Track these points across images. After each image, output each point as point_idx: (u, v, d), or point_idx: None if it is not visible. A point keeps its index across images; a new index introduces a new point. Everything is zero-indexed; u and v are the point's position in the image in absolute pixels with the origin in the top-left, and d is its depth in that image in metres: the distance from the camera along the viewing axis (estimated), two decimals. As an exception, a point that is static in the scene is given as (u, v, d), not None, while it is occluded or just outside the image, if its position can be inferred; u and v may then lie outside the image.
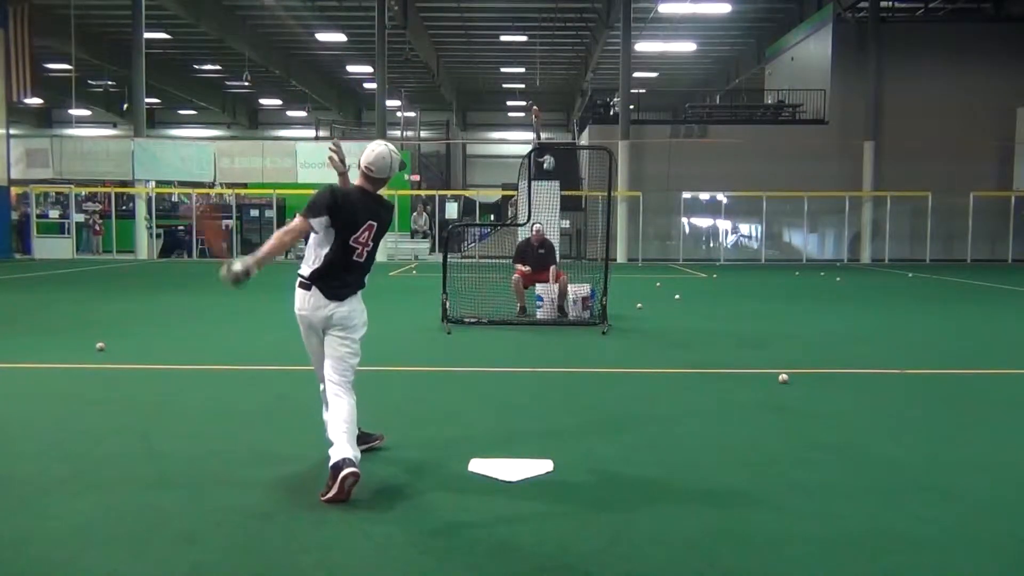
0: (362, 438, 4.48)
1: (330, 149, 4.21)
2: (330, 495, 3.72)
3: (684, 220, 26.65)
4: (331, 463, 3.79)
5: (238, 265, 3.66)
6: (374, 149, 4.03)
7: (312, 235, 4.02)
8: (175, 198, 29.93)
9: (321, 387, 4.20)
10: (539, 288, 10.60)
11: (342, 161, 4.21)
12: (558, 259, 11.54)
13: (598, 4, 28.84)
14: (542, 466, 4.33)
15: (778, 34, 30.30)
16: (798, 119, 26.92)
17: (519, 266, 10.89)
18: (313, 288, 4.04)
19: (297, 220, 3.97)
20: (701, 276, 19.86)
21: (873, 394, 6.42)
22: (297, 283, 4.11)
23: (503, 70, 39.34)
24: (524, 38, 33.01)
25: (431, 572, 3.08)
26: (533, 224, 10.75)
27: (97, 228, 26.83)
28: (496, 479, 4.14)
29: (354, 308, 4.13)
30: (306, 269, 4.07)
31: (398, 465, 4.39)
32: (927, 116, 25.32)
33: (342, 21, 29.93)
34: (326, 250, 4.01)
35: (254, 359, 7.67)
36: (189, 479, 4.11)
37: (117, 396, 6.08)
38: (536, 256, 10.86)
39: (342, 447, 3.82)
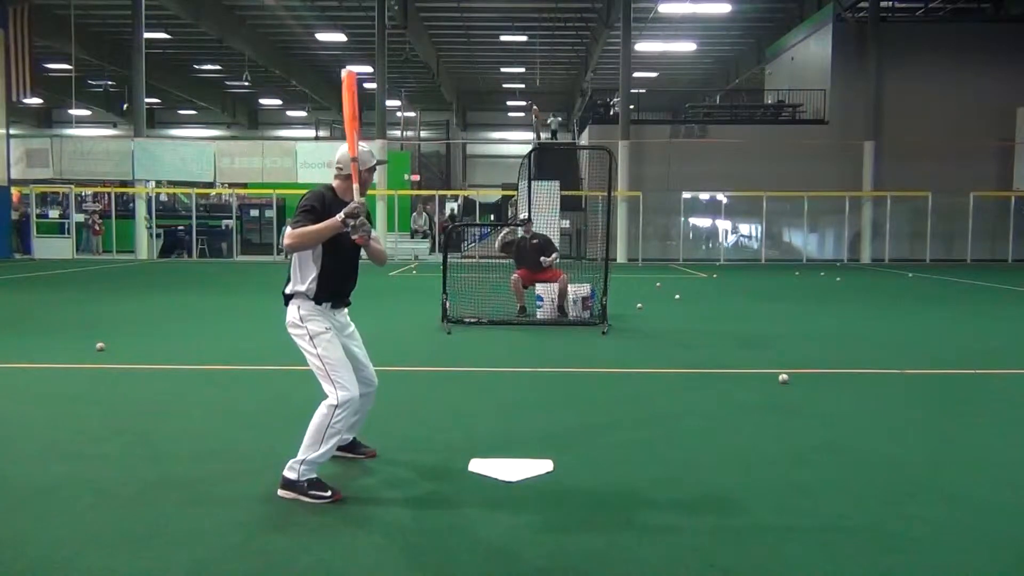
0: (352, 446, 4.47)
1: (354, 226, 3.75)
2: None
3: (684, 220, 26.64)
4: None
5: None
6: (339, 148, 4.03)
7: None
8: (163, 197, 29.82)
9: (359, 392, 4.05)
10: (539, 288, 10.60)
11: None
12: (557, 247, 11.43)
13: (598, 4, 28.85)
14: (542, 466, 4.33)
15: (778, 34, 30.30)
16: (798, 119, 26.91)
17: (551, 260, 10.77)
18: (324, 304, 3.95)
19: (289, 232, 3.78)
20: (701, 276, 19.86)
21: (873, 394, 6.42)
22: (303, 304, 3.93)
23: (503, 70, 39.36)
24: (524, 38, 33.03)
25: (431, 572, 3.08)
26: (519, 217, 10.70)
27: (97, 228, 26.85)
28: (496, 479, 4.14)
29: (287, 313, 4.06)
30: (306, 286, 3.90)
31: (398, 465, 4.39)
32: (927, 116, 25.31)
33: (342, 21, 29.95)
34: (319, 261, 3.90)
35: (254, 359, 7.67)
36: (189, 479, 4.11)
37: (117, 396, 6.09)
38: (531, 248, 10.78)
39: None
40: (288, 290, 3.99)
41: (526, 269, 10.78)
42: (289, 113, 46.94)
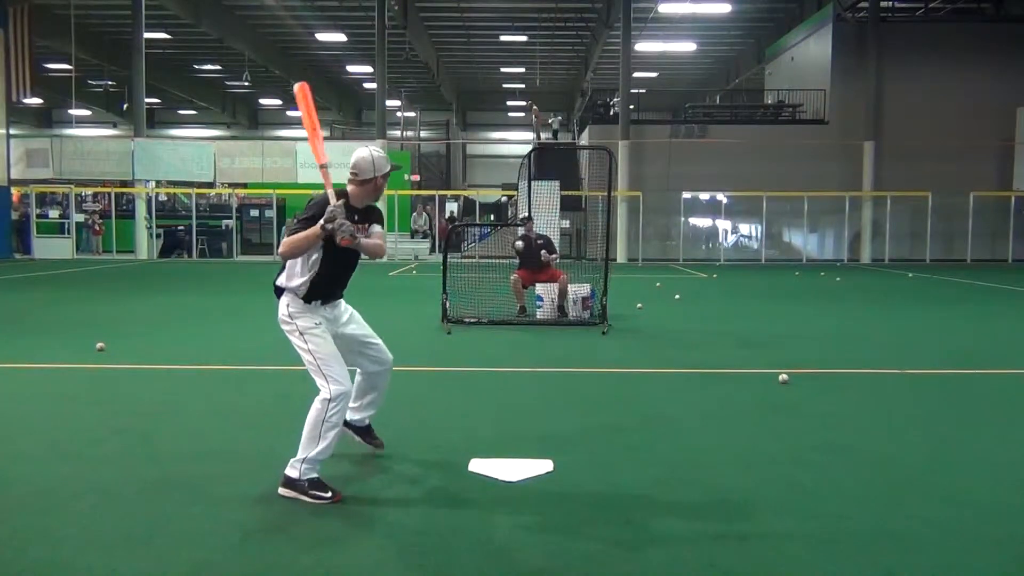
0: (366, 432, 4.55)
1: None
2: None
3: (684, 220, 26.65)
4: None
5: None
6: (355, 153, 4.03)
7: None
8: (161, 197, 29.86)
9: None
10: (539, 288, 10.60)
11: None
12: (557, 249, 11.48)
13: (598, 4, 28.86)
14: (542, 466, 4.33)
15: (778, 34, 30.31)
16: (798, 119, 26.92)
17: (551, 258, 10.80)
18: (313, 302, 3.99)
19: (286, 241, 3.84)
20: (701, 276, 19.86)
21: (873, 394, 6.42)
22: (292, 301, 3.99)
23: (503, 70, 39.37)
24: (524, 38, 33.04)
25: (431, 572, 3.08)
26: (520, 216, 10.74)
27: (97, 228, 26.85)
28: (496, 479, 4.14)
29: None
30: (296, 285, 3.95)
31: (398, 465, 4.39)
32: (927, 116, 25.31)
33: (342, 21, 29.95)
34: (316, 265, 3.93)
35: (254, 359, 7.67)
36: (189, 479, 4.11)
37: (117, 396, 6.09)
38: (535, 248, 10.80)
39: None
40: (280, 283, 4.02)
41: (527, 269, 10.78)
42: (289, 113, 46.94)
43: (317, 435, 3.84)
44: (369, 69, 28.06)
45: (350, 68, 36.62)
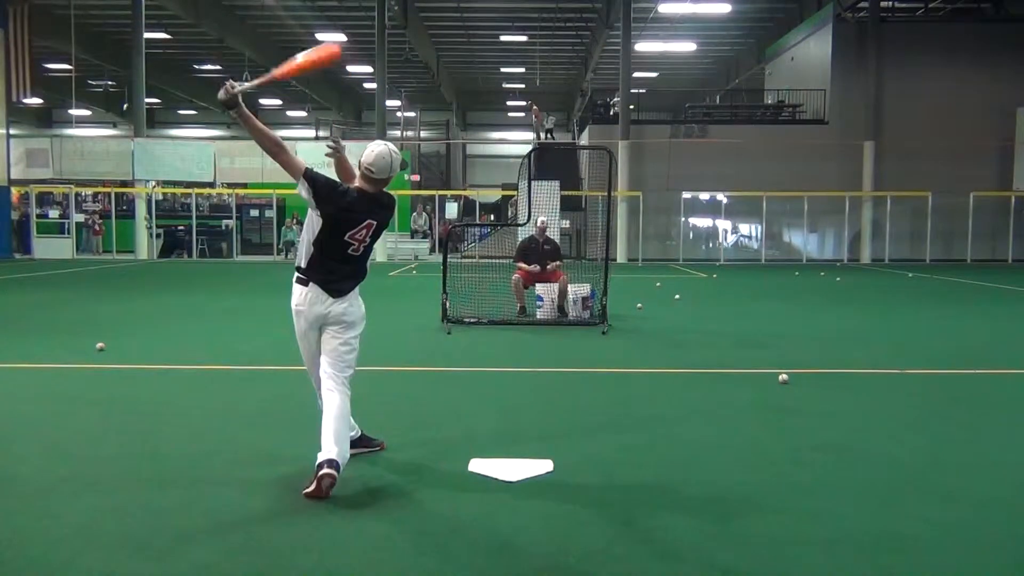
0: (363, 441, 4.52)
1: (329, 145, 4.25)
2: (309, 490, 3.78)
3: (684, 220, 26.65)
4: (316, 462, 3.86)
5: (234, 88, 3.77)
6: (374, 149, 4.00)
7: (305, 225, 4.12)
8: (158, 197, 29.78)
9: (318, 390, 4.26)
10: (539, 288, 10.59)
11: (339, 149, 4.28)
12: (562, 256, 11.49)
13: (598, 4, 28.86)
14: (542, 466, 4.33)
15: (778, 34, 30.31)
16: (798, 119, 26.92)
17: (522, 265, 10.80)
18: (311, 284, 4.04)
19: (300, 161, 4.02)
20: (701, 276, 19.86)
21: (873, 394, 6.42)
22: (294, 278, 4.12)
23: (503, 70, 39.37)
24: (524, 38, 33.04)
25: (431, 572, 3.08)
26: (538, 219, 10.67)
27: (97, 228, 26.85)
28: (496, 479, 4.14)
29: (352, 304, 4.14)
30: (302, 262, 4.09)
31: (398, 465, 4.39)
32: (927, 116, 25.32)
33: (342, 21, 29.96)
34: (318, 242, 4.02)
35: (254, 359, 7.67)
36: (189, 479, 4.11)
37: (117, 396, 6.08)
38: (542, 252, 10.82)
39: (327, 447, 3.87)
40: (361, 280, 4.22)
41: (536, 268, 10.74)
42: (289, 113, 46.94)
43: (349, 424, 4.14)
44: (369, 69, 28.04)
45: (350, 68, 36.60)
